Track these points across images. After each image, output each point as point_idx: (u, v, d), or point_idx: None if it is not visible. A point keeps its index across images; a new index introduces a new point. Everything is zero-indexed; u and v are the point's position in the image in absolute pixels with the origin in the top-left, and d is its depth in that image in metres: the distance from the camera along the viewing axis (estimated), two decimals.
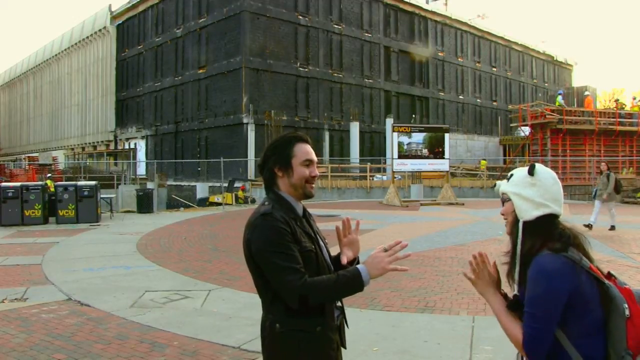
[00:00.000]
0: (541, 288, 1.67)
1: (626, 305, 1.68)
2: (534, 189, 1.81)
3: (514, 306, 1.82)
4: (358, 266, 1.90)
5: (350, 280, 1.86)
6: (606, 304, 1.70)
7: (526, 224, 1.79)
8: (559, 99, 30.56)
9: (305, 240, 1.93)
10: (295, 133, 2.09)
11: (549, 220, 1.79)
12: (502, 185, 1.92)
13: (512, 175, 1.92)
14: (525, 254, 1.77)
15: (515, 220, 1.83)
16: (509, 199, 1.86)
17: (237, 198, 23.05)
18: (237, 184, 24.30)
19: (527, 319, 1.70)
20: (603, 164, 12.91)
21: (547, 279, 1.66)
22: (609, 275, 1.77)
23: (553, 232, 1.76)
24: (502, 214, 1.91)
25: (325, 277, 1.89)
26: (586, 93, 33.84)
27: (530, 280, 1.70)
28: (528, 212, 1.79)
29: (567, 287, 1.65)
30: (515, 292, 1.85)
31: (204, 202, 24.06)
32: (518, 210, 1.82)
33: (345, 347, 2.09)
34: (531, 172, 1.83)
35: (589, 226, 11.71)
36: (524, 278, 1.77)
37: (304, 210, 2.08)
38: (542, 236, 1.76)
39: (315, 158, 2.05)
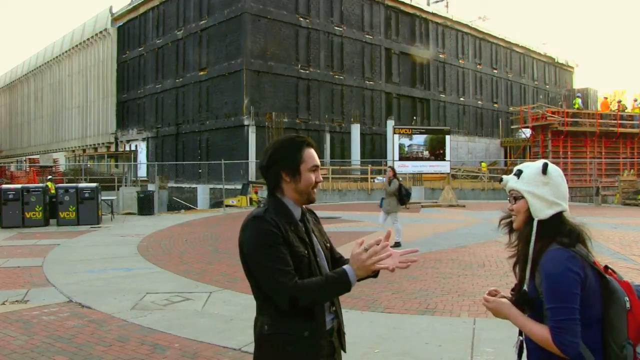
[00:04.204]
0: (557, 282, 1.71)
1: (627, 298, 1.75)
2: (547, 188, 1.84)
3: (521, 300, 1.87)
4: (345, 267, 1.86)
5: (337, 281, 1.84)
6: (607, 297, 1.75)
7: (540, 222, 1.83)
8: (579, 101, 30.63)
9: (298, 245, 1.90)
10: (303, 137, 2.04)
11: (560, 218, 1.84)
12: (512, 182, 1.92)
13: (520, 171, 1.91)
14: (538, 251, 1.81)
15: (529, 218, 1.87)
16: (522, 197, 1.87)
17: (251, 200, 23.30)
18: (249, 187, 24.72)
19: (550, 314, 1.72)
20: (389, 169, 11.23)
21: (561, 273, 1.71)
22: (606, 268, 1.82)
23: (563, 229, 1.82)
24: (512, 210, 1.92)
25: (314, 279, 1.87)
26: (604, 95, 34.10)
27: (545, 276, 1.75)
28: (543, 211, 1.83)
29: (579, 278, 1.70)
30: (525, 287, 1.88)
31: (219, 206, 24.21)
32: (533, 209, 1.85)
33: (345, 351, 2.07)
34: (545, 171, 1.85)
35: (397, 244, 9.78)
36: (533, 273, 1.83)
37: (302, 214, 2.04)
38: (553, 233, 1.81)
39: (319, 163, 2.03)
